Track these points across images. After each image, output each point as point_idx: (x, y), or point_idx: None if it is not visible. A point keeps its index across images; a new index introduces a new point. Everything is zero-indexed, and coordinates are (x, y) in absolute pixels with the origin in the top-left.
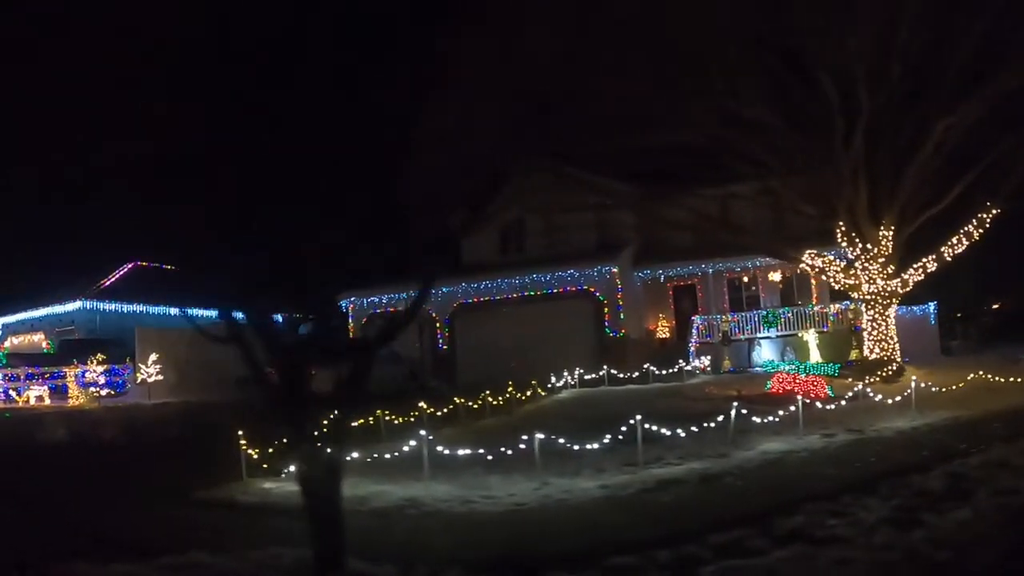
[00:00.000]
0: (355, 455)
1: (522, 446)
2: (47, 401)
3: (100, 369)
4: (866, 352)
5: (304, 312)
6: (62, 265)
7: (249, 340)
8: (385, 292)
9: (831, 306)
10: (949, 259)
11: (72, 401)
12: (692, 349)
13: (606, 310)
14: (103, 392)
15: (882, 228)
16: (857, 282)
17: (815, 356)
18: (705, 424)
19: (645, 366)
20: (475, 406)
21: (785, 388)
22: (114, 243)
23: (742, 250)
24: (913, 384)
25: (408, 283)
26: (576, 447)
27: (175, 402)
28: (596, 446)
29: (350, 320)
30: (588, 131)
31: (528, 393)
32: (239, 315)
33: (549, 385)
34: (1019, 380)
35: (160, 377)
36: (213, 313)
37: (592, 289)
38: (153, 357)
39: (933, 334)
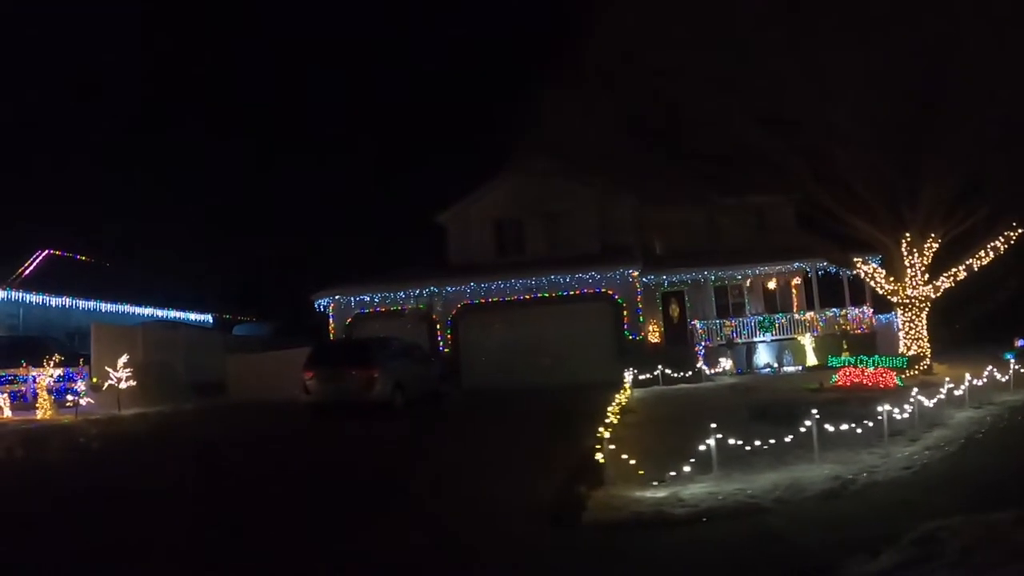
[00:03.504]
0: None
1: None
2: (7, 413)
3: (56, 373)
4: (902, 349)
5: None
6: None
7: None
8: (377, 290)
9: (809, 313)
10: (976, 270)
11: (40, 413)
12: (703, 352)
13: (625, 313)
14: (82, 402)
15: (930, 240)
16: (897, 287)
17: (811, 359)
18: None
19: (698, 365)
20: None
21: (852, 380)
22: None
23: (735, 259)
24: (1012, 368)
25: (406, 281)
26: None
27: (152, 412)
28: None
29: (330, 320)
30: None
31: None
32: None
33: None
34: None
35: (133, 382)
36: (147, 311)
37: (611, 292)
38: (123, 359)
39: (896, 339)
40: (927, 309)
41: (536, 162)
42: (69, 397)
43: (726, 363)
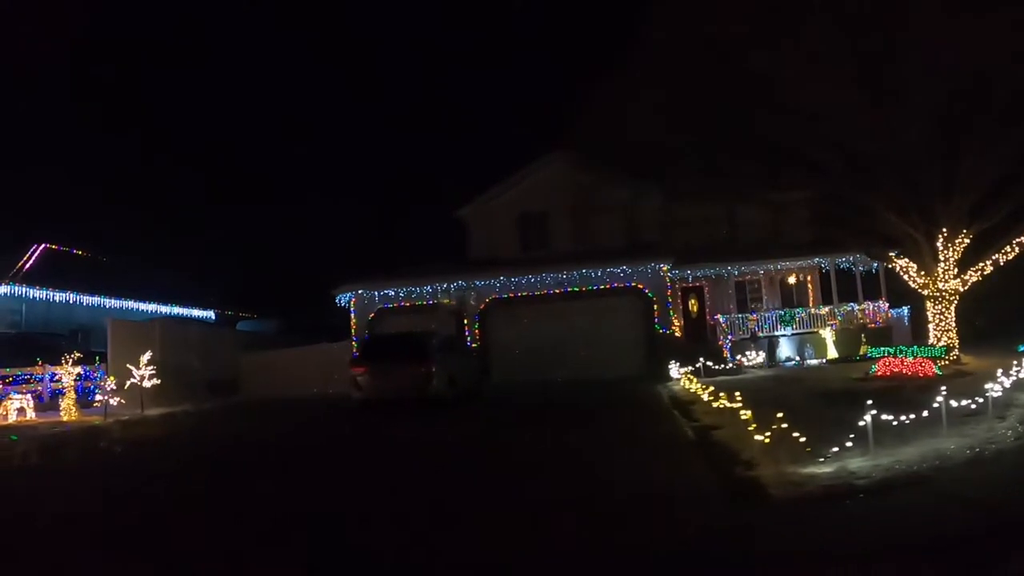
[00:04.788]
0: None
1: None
2: (31, 415)
3: (75, 371)
4: (931, 341)
5: None
6: None
7: None
8: (402, 285)
9: (827, 308)
10: (1002, 264)
11: (65, 415)
12: (729, 345)
13: (655, 307)
14: (113, 402)
15: (962, 235)
16: (927, 280)
17: (832, 352)
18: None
19: (737, 357)
20: None
21: (891, 370)
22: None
23: (756, 253)
24: None
25: (432, 275)
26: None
27: (178, 412)
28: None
29: (352, 315)
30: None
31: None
32: None
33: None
34: None
35: (157, 381)
36: (151, 307)
37: (640, 286)
38: (146, 356)
39: (907, 332)
40: (956, 302)
41: (563, 156)
42: (99, 397)
43: (757, 357)
